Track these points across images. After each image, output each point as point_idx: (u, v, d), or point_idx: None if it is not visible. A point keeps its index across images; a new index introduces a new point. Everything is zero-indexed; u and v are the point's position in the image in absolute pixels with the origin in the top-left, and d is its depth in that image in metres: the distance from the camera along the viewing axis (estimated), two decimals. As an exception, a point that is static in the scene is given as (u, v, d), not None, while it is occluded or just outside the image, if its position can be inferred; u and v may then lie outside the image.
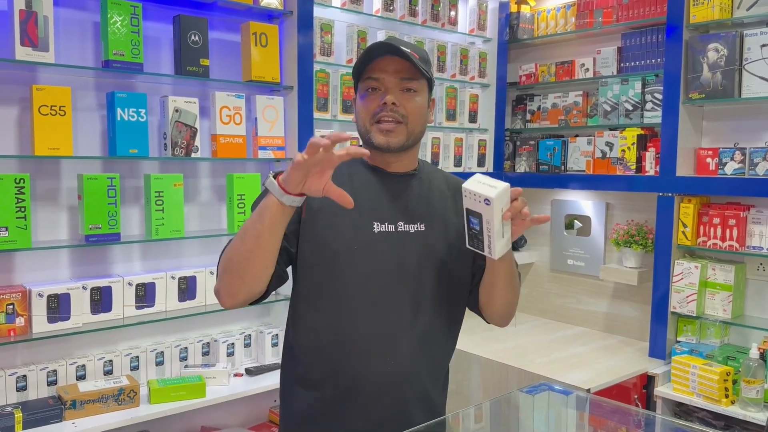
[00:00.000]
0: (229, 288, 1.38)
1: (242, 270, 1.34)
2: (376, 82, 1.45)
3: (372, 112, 1.45)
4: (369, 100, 1.46)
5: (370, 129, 1.46)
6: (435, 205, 1.56)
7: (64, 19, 2.38)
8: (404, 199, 1.52)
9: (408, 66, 1.44)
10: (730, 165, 2.80)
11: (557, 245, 3.63)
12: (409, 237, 1.51)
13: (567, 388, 2.46)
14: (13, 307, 2.20)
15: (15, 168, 2.29)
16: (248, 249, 1.32)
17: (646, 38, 3.17)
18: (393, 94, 1.44)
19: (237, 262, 1.34)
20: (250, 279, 1.36)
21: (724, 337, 2.89)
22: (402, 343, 1.49)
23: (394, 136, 1.45)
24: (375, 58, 1.45)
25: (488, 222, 1.32)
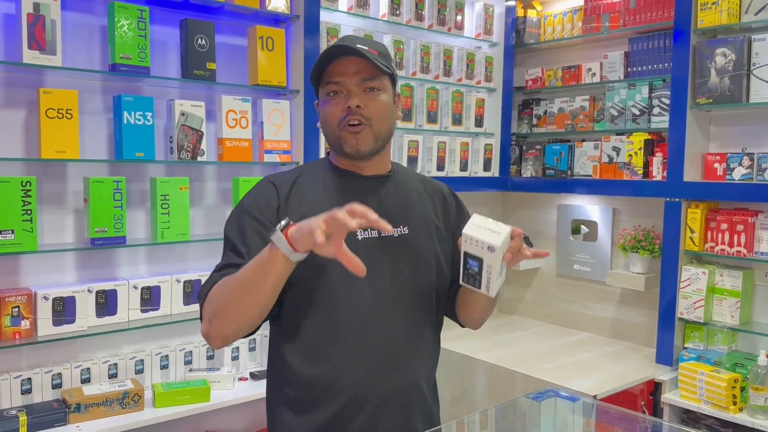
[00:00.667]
0: (224, 334, 1.32)
1: (240, 318, 1.29)
2: (337, 86, 1.41)
3: (338, 117, 1.41)
4: (332, 105, 1.42)
5: (339, 135, 1.42)
6: (415, 206, 1.53)
7: (72, 22, 2.39)
8: (383, 202, 1.47)
9: (368, 65, 1.39)
10: (738, 170, 2.78)
11: (563, 250, 3.62)
12: (395, 241, 1.46)
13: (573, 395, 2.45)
14: (18, 310, 2.21)
15: (21, 171, 2.30)
16: (250, 300, 1.26)
17: (653, 43, 3.16)
18: (356, 96, 1.40)
19: (235, 312, 1.28)
20: (246, 326, 1.32)
21: (732, 344, 2.87)
22: (400, 354, 1.45)
23: (362, 138, 1.41)
24: (332, 61, 1.40)
25: (489, 266, 1.29)
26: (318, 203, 1.40)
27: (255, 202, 1.43)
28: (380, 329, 1.42)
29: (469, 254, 1.31)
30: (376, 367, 1.42)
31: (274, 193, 1.43)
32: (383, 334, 1.43)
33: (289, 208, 1.41)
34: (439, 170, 3.38)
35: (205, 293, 1.35)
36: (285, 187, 1.44)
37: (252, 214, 1.40)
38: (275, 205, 1.42)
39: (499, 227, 1.29)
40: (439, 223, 1.57)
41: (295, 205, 1.42)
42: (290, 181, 1.46)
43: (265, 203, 1.42)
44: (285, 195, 1.43)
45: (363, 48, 1.39)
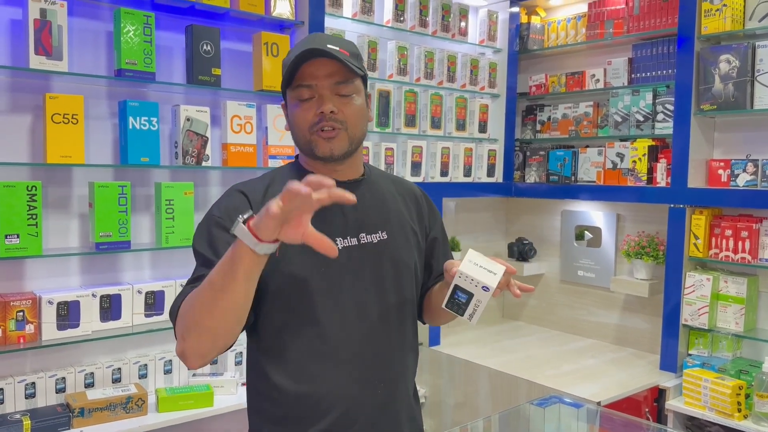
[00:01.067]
0: (199, 350, 1.21)
1: (215, 329, 1.19)
2: (309, 90, 1.34)
3: (310, 123, 1.34)
4: (304, 109, 1.35)
5: (311, 139, 1.36)
6: (391, 210, 1.49)
7: (78, 28, 2.40)
8: (360, 207, 1.38)
9: (340, 67, 1.33)
10: (742, 177, 2.78)
11: (567, 256, 3.61)
12: (375, 248, 1.43)
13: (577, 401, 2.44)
14: (23, 314, 2.21)
15: (27, 175, 2.31)
16: (222, 307, 1.15)
17: (657, 49, 3.16)
18: (329, 101, 1.33)
19: (208, 322, 1.17)
20: (223, 337, 1.21)
21: (737, 351, 2.86)
22: (388, 364, 1.43)
23: (337, 143, 1.35)
24: (303, 64, 1.32)
25: (479, 301, 1.30)
26: None
27: (225, 212, 1.34)
28: (368, 340, 1.38)
29: (460, 287, 1.31)
30: (366, 380, 1.38)
31: (245, 202, 1.36)
32: (371, 346, 1.39)
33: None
34: (442, 176, 3.39)
35: (176, 310, 1.25)
36: (257, 196, 1.37)
37: (222, 225, 1.31)
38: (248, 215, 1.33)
39: (495, 267, 1.31)
40: (415, 227, 1.54)
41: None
42: (261, 189, 1.39)
43: (236, 214, 1.24)
44: (257, 203, 1.34)
45: (334, 49, 1.32)
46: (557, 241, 3.67)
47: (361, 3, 3.01)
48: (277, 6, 2.72)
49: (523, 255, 3.67)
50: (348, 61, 1.33)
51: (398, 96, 3.19)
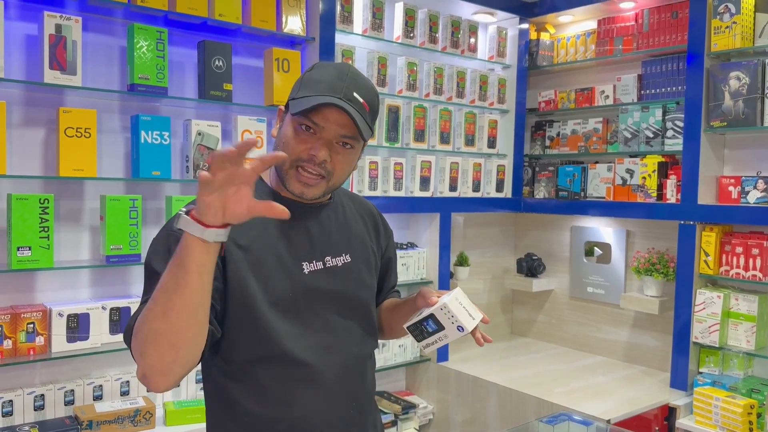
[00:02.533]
0: (161, 365, 1.10)
1: (174, 338, 1.08)
2: (315, 127, 1.28)
3: (298, 155, 1.28)
4: (299, 140, 1.29)
5: (287, 171, 1.30)
6: (354, 232, 1.47)
7: (92, 43, 2.44)
8: (326, 229, 1.40)
9: (352, 124, 1.28)
10: (753, 194, 2.77)
11: (577, 272, 3.60)
12: (340, 271, 1.41)
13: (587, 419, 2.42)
14: (33, 327, 2.22)
15: (40, 188, 2.33)
16: (178, 309, 1.06)
17: (666, 66, 3.16)
18: (327, 148, 1.28)
19: (167, 332, 1.07)
20: (185, 348, 1.11)
21: (748, 369, 2.83)
22: (357, 382, 1.43)
23: (312, 189, 1.31)
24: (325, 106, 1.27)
25: (445, 337, 1.33)
26: (261, 235, 1.31)
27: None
28: (339, 363, 1.37)
29: (434, 319, 1.32)
30: (340, 401, 1.37)
31: None
32: (342, 368, 1.37)
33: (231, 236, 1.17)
34: (451, 191, 3.39)
35: (130, 331, 1.15)
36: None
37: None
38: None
39: (475, 312, 1.34)
40: (374, 247, 1.53)
41: (238, 233, 1.25)
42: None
43: None
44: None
45: (358, 102, 1.29)
46: (566, 257, 3.66)
47: (371, 19, 3.03)
48: (288, 22, 2.75)
49: (532, 271, 3.66)
50: (363, 122, 1.30)
51: (407, 111, 3.20)
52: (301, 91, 1.32)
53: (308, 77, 1.35)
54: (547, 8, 3.56)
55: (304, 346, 1.31)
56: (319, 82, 1.31)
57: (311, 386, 1.32)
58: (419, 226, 3.39)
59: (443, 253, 3.31)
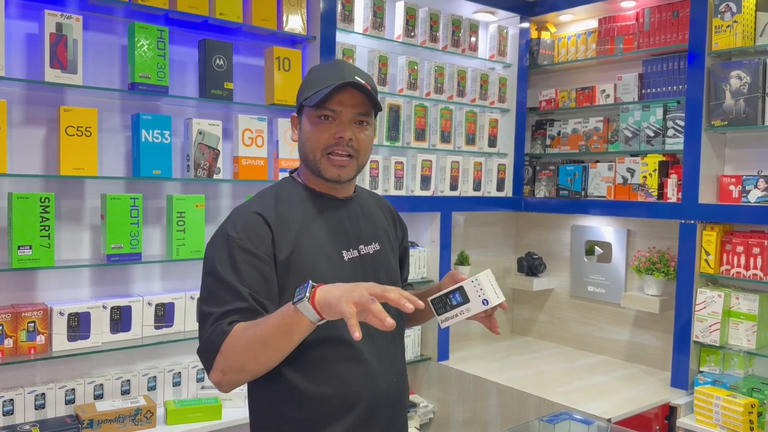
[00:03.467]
0: (237, 384, 1.36)
1: (257, 372, 1.34)
2: (332, 113, 1.44)
3: (325, 143, 1.45)
4: (322, 129, 1.45)
5: (320, 160, 1.46)
6: (378, 223, 1.63)
7: (93, 42, 2.44)
8: (356, 221, 1.56)
9: (364, 99, 1.45)
10: (753, 193, 2.76)
11: (577, 271, 3.60)
12: (372, 257, 1.56)
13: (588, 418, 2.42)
14: (34, 325, 2.22)
15: (40, 187, 2.33)
16: (271, 358, 1.31)
17: (667, 65, 3.16)
18: (350, 129, 1.45)
19: (254, 367, 1.32)
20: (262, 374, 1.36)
21: (749, 368, 2.83)
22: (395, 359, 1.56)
23: (346, 170, 1.47)
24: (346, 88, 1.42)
25: (468, 310, 1.42)
26: (305, 230, 1.45)
27: (245, 234, 1.39)
28: (380, 342, 1.49)
29: (462, 291, 1.41)
30: (384, 375, 1.50)
31: (263, 223, 1.42)
32: (382, 344, 1.50)
33: (281, 237, 1.42)
34: (452, 190, 3.39)
35: (218, 345, 1.31)
36: (271, 217, 1.43)
37: (244, 248, 1.37)
38: (268, 237, 1.41)
39: (500, 293, 1.43)
40: (393, 238, 1.68)
41: (284, 232, 1.43)
42: (272, 209, 1.46)
43: (257, 236, 1.39)
44: (274, 224, 1.42)
45: (361, 82, 1.43)
46: (567, 257, 3.66)
47: (372, 18, 3.03)
48: (289, 21, 2.75)
49: (533, 270, 3.66)
50: (375, 99, 1.45)
51: (408, 110, 3.20)
52: (308, 91, 1.46)
53: (310, 78, 1.50)
54: (548, 7, 3.56)
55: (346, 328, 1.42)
56: (323, 78, 1.45)
57: (356, 364, 1.45)
58: (420, 225, 3.39)
59: (444, 252, 3.30)
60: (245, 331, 1.29)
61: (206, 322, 1.35)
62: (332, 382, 1.43)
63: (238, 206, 1.51)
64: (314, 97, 1.43)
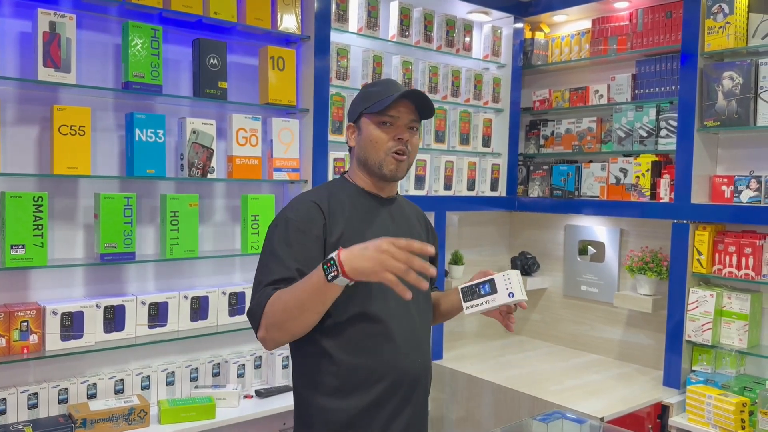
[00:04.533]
0: (280, 340, 1.54)
1: (296, 331, 1.52)
2: (392, 119, 1.67)
3: (388, 145, 1.67)
4: (384, 132, 1.67)
5: (384, 159, 1.67)
6: (413, 225, 1.82)
7: (86, 41, 2.43)
8: (397, 220, 1.76)
9: (414, 109, 1.68)
10: (745, 193, 2.78)
11: (570, 271, 3.61)
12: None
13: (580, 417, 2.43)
14: (27, 325, 2.22)
15: (34, 186, 2.32)
16: (307, 318, 1.48)
17: (660, 65, 3.17)
18: (406, 133, 1.68)
19: (292, 326, 1.49)
20: (300, 334, 1.54)
21: (740, 367, 2.85)
22: (421, 342, 1.72)
23: (402, 167, 1.70)
24: (402, 100, 1.65)
25: (493, 300, 1.60)
26: (353, 218, 1.66)
27: (302, 217, 1.61)
28: (407, 322, 1.67)
29: (492, 283, 1.60)
30: (408, 354, 1.65)
31: (318, 210, 1.63)
32: (410, 326, 1.68)
33: (332, 222, 1.63)
34: (446, 189, 3.40)
35: (263, 305, 1.51)
36: (325, 205, 1.65)
37: (300, 229, 1.59)
38: (321, 221, 1.61)
39: (524, 292, 1.61)
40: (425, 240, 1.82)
41: (336, 219, 1.63)
42: (326, 199, 1.67)
43: (310, 219, 1.61)
44: (327, 212, 1.63)
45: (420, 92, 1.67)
46: (560, 256, 3.67)
47: (366, 18, 3.03)
48: (283, 21, 2.75)
49: (527, 269, 3.67)
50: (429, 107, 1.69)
51: (403, 110, 3.20)
52: (366, 102, 1.69)
53: (367, 93, 1.72)
54: (542, 8, 3.57)
55: (383, 309, 1.63)
56: (379, 92, 1.68)
57: (388, 341, 1.62)
58: (414, 225, 3.39)
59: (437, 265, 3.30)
60: (284, 293, 1.48)
61: (257, 289, 1.57)
62: (362, 355, 1.60)
63: (297, 195, 1.73)
64: (378, 104, 1.65)
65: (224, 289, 2.67)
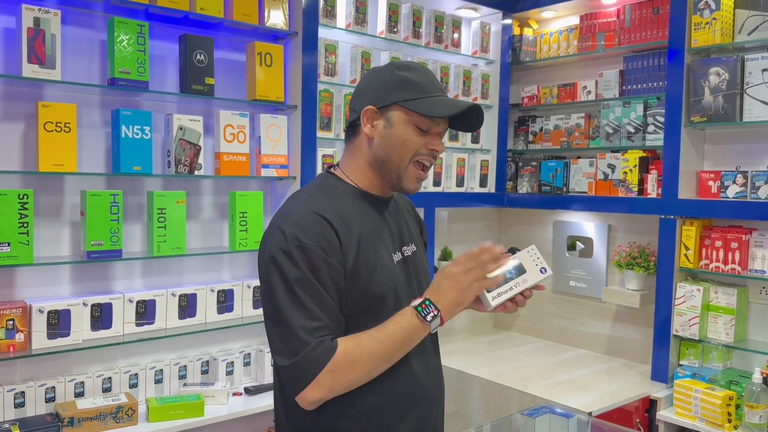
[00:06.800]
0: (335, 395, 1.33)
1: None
2: (428, 126, 1.43)
3: (417, 151, 1.43)
4: (416, 135, 1.42)
5: (407, 167, 1.44)
6: (410, 224, 1.65)
7: (72, 37, 2.41)
8: (397, 222, 1.57)
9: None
10: (732, 188, 2.80)
11: (559, 266, 3.62)
12: (413, 258, 1.58)
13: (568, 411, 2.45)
14: (13, 323, 2.20)
15: (19, 183, 2.30)
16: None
17: (647, 62, 3.19)
18: (441, 143, 1.46)
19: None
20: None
21: (727, 361, 2.87)
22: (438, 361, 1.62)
23: (419, 185, 1.49)
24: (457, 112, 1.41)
25: (524, 282, 1.45)
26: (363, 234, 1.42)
27: (317, 241, 1.34)
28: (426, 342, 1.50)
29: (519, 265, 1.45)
30: (430, 379, 1.53)
31: (329, 228, 1.37)
32: (429, 346, 1.54)
33: (347, 243, 1.38)
34: (435, 186, 3.40)
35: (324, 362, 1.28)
36: (334, 219, 1.38)
37: (324, 258, 1.34)
38: (337, 243, 1.36)
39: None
40: (417, 235, 1.69)
41: (348, 238, 1.39)
42: (329, 210, 1.40)
43: (327, 243, 1.35)
44: (338, 229, 1.38)
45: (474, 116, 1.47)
46: (549, 252, 3.68)
47: (354, 14, 3.03)
48: (271, 16, 2.74)
49: (516, 265, 3.68)
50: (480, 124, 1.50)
51: (391, 106, 3.20)
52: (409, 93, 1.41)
53: (412, 78, 1.43)
54: (530, 4, 3.58)
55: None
56: (424, 83, 1.43)
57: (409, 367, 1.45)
58: (403, 221, 3.39)
59: (427, 248, 3.31)
60: (360, 347, 1.31)
61: (300, 335, 1.29)
62: (385, 391, 1.41)
63: (290, 206, 1.43)
64: (427, 105, 1.40)
65: (212, 287, 2.66)
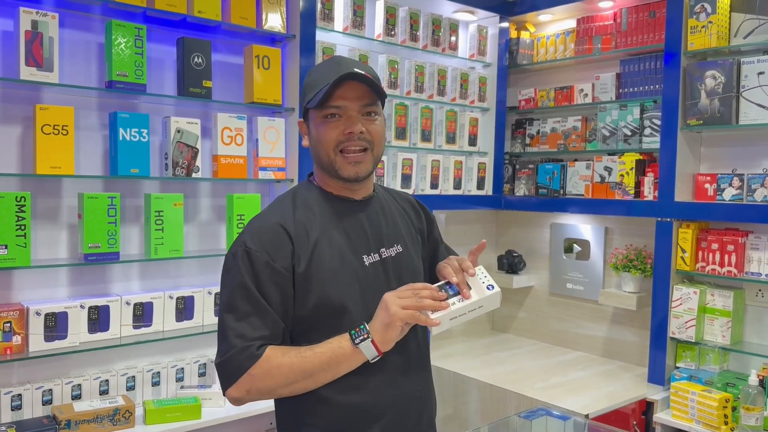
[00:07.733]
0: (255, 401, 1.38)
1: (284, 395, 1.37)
2: (337, 110, 1.40)
3: (336, 141, 1.41)
4: (331, 128, 1.41)
5: (335, 160, 1.42)
6: (400, 223, 1.58)
7: (69, 39, 2.41)
8: (376, 224, 1.51)
9: (368, 90, 1.41)
10: (728, 191, 2.81)
11: (556, 269, 3.63)
12: (395, 260, 1.51)
13: (565, 414, 2.45)
14: (10, 326, 2.20)
15: (16, 186, 2.30)
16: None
17: (644, 65, 3.20)
18: (359, 122, 1.40)
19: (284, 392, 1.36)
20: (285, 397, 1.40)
21: (724, 364, 2.88)
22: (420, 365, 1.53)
23: (363, 165, 1.43)
24: (347, 81, 1.38)
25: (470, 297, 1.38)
26: (323, 236, 1.42)
27: (263, 246, 1.36)
28: (403, 347, 1.45)
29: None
30: (409, 384, 1.48)
31: (284, 234, 1.39)
32: (406, 352, 1.47)
33: (301, 247, 1.39)
34: (432, 188, 3.40)
35: (247, 367, 1.31)
36: (290, 226, 1.40)
37: (264, 261, 1.35)
38: (289, 249, 1.38)
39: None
40: (416, 234, 1.63)
41: (304, 242, 1.40)
42: (291, 217, 1.42)
43: (275, 249, 1.37)
44: (294, 235, 1.39)
45: (361, 73, 1.39)
46: (546, 254, 3.69)
47: (352, 17, 3.03)
48: (268, 19, 2.74)
49: (513, 267, 3.69)
50: (380, 88, 1.42)
51: (389, 109, 3.21)
52: (309, 93, 1.43)
53: (309, 81, 1.46)
54: (528, 7, 3.59)
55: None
56: (320, 78, 1.42)
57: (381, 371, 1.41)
58: (400, 224, 3.40)
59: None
60: (283, 357, 1.32)
61: (229, 338, 1.34)
62: (355, 392, 1.40)
63: (258, 214, 1.48)
64: (316, 98, 1.40)
65: (210, 289, 2.66)
